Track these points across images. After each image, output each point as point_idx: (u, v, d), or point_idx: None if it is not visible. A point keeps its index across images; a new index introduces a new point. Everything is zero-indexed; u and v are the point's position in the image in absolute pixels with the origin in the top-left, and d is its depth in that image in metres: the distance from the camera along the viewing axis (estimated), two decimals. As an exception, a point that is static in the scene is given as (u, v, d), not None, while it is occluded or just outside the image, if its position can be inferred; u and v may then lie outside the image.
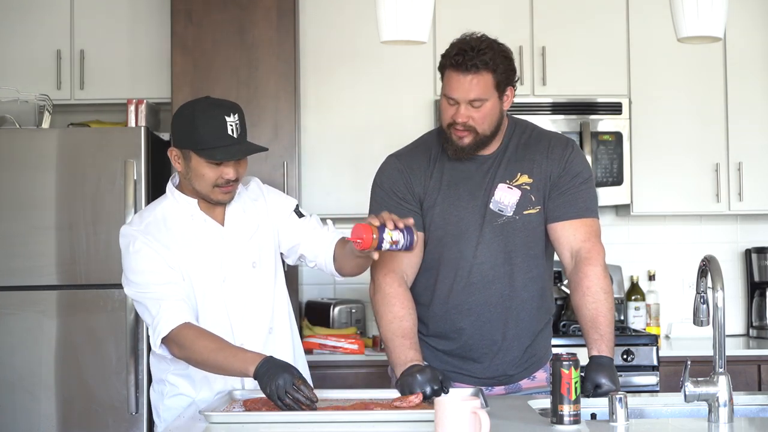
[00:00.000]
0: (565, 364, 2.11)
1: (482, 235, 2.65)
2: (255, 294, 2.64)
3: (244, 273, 2.62)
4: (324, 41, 4.34)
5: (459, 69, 2.56)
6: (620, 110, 4.32)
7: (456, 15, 4.34)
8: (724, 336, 2.13)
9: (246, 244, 2.63)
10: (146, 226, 2.58)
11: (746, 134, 4.39)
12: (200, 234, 2.59)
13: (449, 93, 2.59)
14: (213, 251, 2.59)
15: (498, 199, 2.64)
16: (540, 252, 2.70)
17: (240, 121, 2.52)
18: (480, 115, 2.59)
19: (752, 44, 4.41)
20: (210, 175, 2.52)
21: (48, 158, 3.94)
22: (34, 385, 3.89)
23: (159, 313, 2.48)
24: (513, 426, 2.17)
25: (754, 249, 4.58)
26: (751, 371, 4.03)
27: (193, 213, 2.60)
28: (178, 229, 2.58)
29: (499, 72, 2.58)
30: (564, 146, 2.71)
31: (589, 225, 2.66)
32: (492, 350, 2.68)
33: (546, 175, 2.67)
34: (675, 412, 2.40)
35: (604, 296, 2.58)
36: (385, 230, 2.36)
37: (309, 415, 2.21)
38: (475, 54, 2.55)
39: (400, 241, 2.37)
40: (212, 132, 2.48)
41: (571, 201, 2.65)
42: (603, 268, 2.62)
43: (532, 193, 2.65)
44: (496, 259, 2.65)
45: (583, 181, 2.68)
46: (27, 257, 3.92)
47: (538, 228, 2.67)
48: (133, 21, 4.37)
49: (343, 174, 4.32)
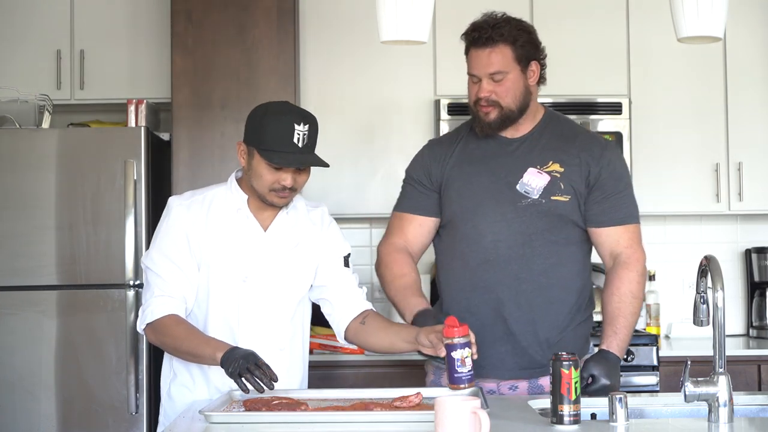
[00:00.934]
0: (565, 364, 2.12)
1: (502, 214, 2.66)
2: (272, 306, 2.62)
3: (267, 282, 2.61)
4: (324, 41, 4.34)
5: (477, 44, 2.66)
6: (620, 110, 4.32)
7: (456, 15, 4.33)
8: (724, 336, 2.13)
9: (279, 256, 2.62)
10: (191, 202, 2.63)
11: (746, 134, 4.39)
12: (238, 229, 2.60)
13: (470, 70, 2.69)
14: (243, 249, 2.59)
15: (526, 182, 2.66)
16: (564, 241, 2.68)
17: (309, 132, 2.51)
18: (502, 88, 2.64)
19: (752, 44, 4.41)
20: (268, 177, 2.53)
21: (48, 158, 3.94)
22: (34, 385, 3.88)
23: (152, 300, 2.55)
24: (513, 426, 2.17)
25: (754, 249, 4.58)
26: (751, 371, 4.02)
27: (240, 207, 2.62)
28: (219, 215, 2.61)
29: (519, 45, 2.64)
30: (603, 146, 2.73)
31: (632, 231, 2.70)
32: (506, 333, 2.66)
33: (580, 170, 2.66)
34: (675, 412, 2.40)
35: (630, 299, 2.64)
36: (466, 349, 2.34)
37: (309, 415, 2.22)
38: (491, 28, 2.63)
39: (466, 364, 2.34)
40: (278, 135, 2.49)
41: (615, 206, 2.68)
42: (639, 274, 2.67)
43: (561, 181, 2.65)
44: (514, 240, 2.65)
45: (626, 185, 2.72)
46: (27, 257, 3.92)
47: (565, 217, 2.66)
48: (133, 21, 4.36)
49: (343, 174, 4.32)
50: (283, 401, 2.31)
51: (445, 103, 4.28)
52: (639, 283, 2.67)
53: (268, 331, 2.61)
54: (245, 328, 2.59)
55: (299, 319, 2.70)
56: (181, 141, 4.08)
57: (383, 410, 2.24)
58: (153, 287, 2.57)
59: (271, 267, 2.61)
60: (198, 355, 2.47)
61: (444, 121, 4.27)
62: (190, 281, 2.58)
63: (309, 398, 2.40)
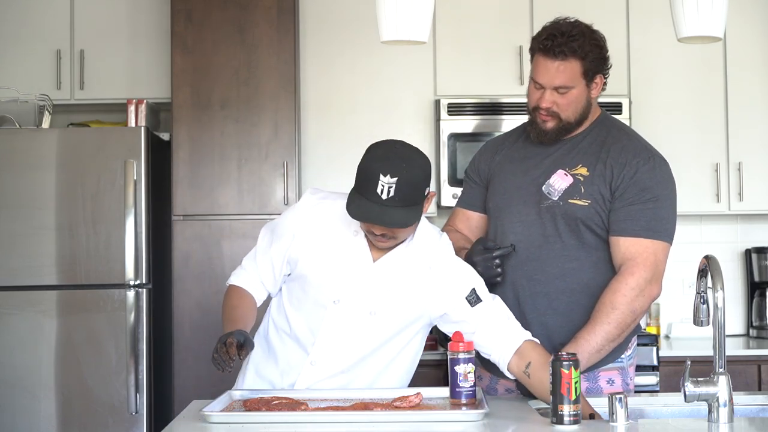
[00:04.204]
0: (565, 364, 2.12)
1: (526, 214, 2.64)
2: (357, 337, 2.50)
3: (358, 314, 2.49)
4: (324, 41, 4.34)
5: (547, 54, 2.57)
6: (620, 110, 4.32)
7: (456, 15, 4.34)
8: (724, 336, 2.13)
9: (381, 290, 2.49)
10: (321, 205, 2.55)
11: (746, 134, 4.39)
12: (348, 251, 2.50)
13: (536, 77, 2.60)
14: (346, 273, 2.49)
15: (551, 183, 2.62)
16: (588, 247, 2.60)
17: (398, 186, 2.31)
18: (565, 101, 2.59)
19: (752, 44, 4.41)
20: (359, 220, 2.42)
21: (48, 158, 3.94)
22: (34, 385, 3.89)
23: (237, 269, 2.64)
24: (513, 426, 2.17)
25: (754, 249, 4.58)
26: (751, 371, 4.02)
27: (358, 231, 2.50)
28: (337, 230, 2.51)
29: (589, 60, 2.58)
30: (637, 155, 2.59)
31: (642, 246, 2.55)
32: None
33: (604, 175, 2.58)
34: (675, 412, 2.40)
35: (609, 309, 2.50)
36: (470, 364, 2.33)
37: (309, 415, 2.22)
38: (564, 40, 2.55)
39: (469, 379, 2.32)
40: (364, 182, 2.36)
41: (632, 217, 2.56)
42: (630, 287, 2.51)
43: (583, 185, 2.59)
44: (533, 241, 2.63)
45: (652, 198, 2.56)
46: (27, 257, 3.92)
47: (583, 221, 2.59)
48: (133, 21, 4.36)
49: (343, 174, 4.29)
50: (283, 401, 2.31)
51: (445, 103, 4.28)
52: (624, 295, 2.50)
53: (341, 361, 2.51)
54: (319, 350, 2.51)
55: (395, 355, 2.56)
56: (181, 141, 4.08)
57: (383, 410, 2.24)
58: (248, 258, 2.63)
59: (366, 299, 2.49)
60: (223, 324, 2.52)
61: (444, 121, 4.27)
62: (275, 273, 2.57)
63: (309, 398, 2.40)
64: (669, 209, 2.62)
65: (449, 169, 4.26)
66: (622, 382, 2.65)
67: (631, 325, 2.55)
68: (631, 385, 2.69)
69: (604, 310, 2.51)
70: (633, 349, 2.71)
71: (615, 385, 2.64)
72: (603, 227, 2.60)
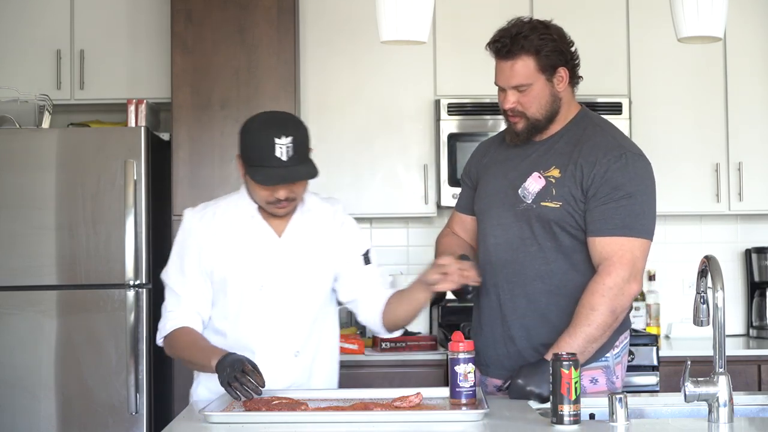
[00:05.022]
0: (565, 364, 2.12)
1: (502, 217, 2.67)
2: (291, 312, 2.61)
3: (284, 287, 2.60)
4: (324, 41, 4.34)
5: (499, 56, 2.63)
6: (620, 110, 4.32)
7: (456, 15, 4.34)
8: (724, 336, 2.13)
9: (295, 261, 2.61)
10: (203, 214, 2.63)
11: (746, 134, 4.39)
12: (252, 237, 2.60)
13: (496, 80, 2.67)
14: (258, 256, 2.59)
15: (526, 185, 2.63)
16: (566, 249, 2.61)
17: (294, 144, 2.45)
18: (527, 99, 2.61)
19: (752, 44, 4.41)
20: (261, 192, 2.52)
21: (48, 158, 3.94)
22: (34, 385, 3.88)
23: (166, 314, 2.60)
24: (513, 426, 2.17)
25: (754, 249, 4.58)
26: (751, 371, 4.02)
27: (254, 215, 2.61)
28: (232, 225, 2.61)
29: (543, 54, 2.58)
30: (608, 152, 2.57)
31: (618, 244, 2.53)
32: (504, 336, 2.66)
33: (576, 175, 2.57)
34: (675, 412, 2.40)
35: (587, 311, 2.50)
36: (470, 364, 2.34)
37: (309, 415, 2.22)
38: (511, 39, 2.58)
39: (469, 379, 2.33)
40: (259, 151, 2.46)
41: (605, 216, 2.54)
42: (607, 287, 2.50)
43: (555, 187, 2.59)
44: (510, 244, 2.65)
45: (625, 196, 2.53)
46: (27, 257, 3.91)
47: (557, 223, 2.59)
48: (133, 21, 4.36)
49: (343, 174, 4.32)
50: (283, 401, 2.32)
51: (445, 103, 4.28)
52: (602, 295, 2.49)
53: (285, 337, 2.60)
54: (263, 336, 2.59)
55: (322, 322, 2.68)
56: (181, 141, 4.08)
57: (383, 410, 2.24)
58: (168, 302, 2.63)
59: (288, 272, 2.60)
60: (197, 363, 2.52)
61: (444, 121, 4.27)
62: (203, 294, 2.59)
63: (309, 398, 2.40)
64: (645, 205, 2.57)
65: (449, 169, 4.26)
66: (607, 381, 2.66)
67: (612, 324, 2.54)
68: (618, 383, 2.70)
69: (584, 312, 2.52)
70: (622, 348, 2.71)
71: (599, 384, 2.64)
72: (578, 228, 2.60)
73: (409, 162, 4.30)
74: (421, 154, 4.33)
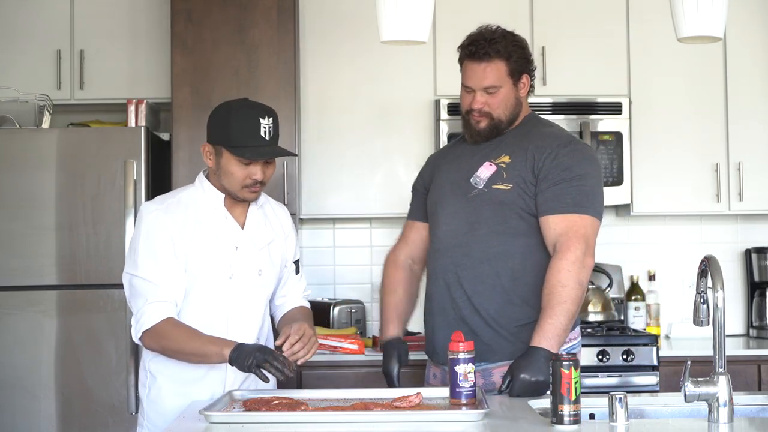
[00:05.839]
0: (565, 364, 2.12)
1: (454, 205, 2.78)
2: (254, 301, 2.71)
3: (250, 278, 2.68)
4: (324, 41, 4.34)
5: (473, 58, 2.77)
6: (620, 110, 4.32)
7: (456, 15, 4.34)
8: (724, 336, 2.13)
9: (258, 252, 2.70)
10: (167, 205, 2.64)
11: (746, 134, 4.39)
12: (218, 228, 2.65)
13: (466, 82, 2.81)
14: (226, 247, 2.64)
15: (478, 173, 2.76)
16: (513, 232, 2.71)
17: (273, 126, 2.59)
18: (495, 101, 2.76)
19: (752, 44, 4.41)
20: (239, 174, 2.58)
21: (48, 158, 3.94)
22: (34, 385, 3.89)
23: (143, 308, 2.56)
24: (513, 426, 2.17)
25: (754, 249, 4.58)
26: (751, 371, 4.02)
27: (218, 206, 2.65)
28: (197, 216, 2.64)
29: (513, 60, 2.76)
30: (556, 139, 2.76)
31: (572, 221, 2.65)
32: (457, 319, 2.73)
33: (525, 160, 2.71)
34: (675, 412, 2.40)
35: (559, 289, 2.58)
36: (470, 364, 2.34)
37: (309, 415, 2.22)
38: (487, 43, 2.74)
39: (469, 379, 2.34)
40: (245, 131, 2.55)
41: (557, 196, 2.67)
42: (570, 262, 2.59)
43: (505, 171, 2.73)
44: (460, 229, 2.76)
45: (575, 177, 2.67)
46: (27, 257, 3.92)
47: (508, 206, 2.71)
48: (133, 21, 4.36)
49: (343, 174, 4.32)
50: (283, 401, 2.32)
51: (445, 103, 4.28)
52: (569, 271, 2.59)
53: (249, 326, 2.68)
54: (233, 325, 2.64)
55: (267, 312, 2.80)
56: (181, 141, 4.08)
57: (383, 410, 2.24)
58: (145, 294, 2.56)
59: (252, 263, 2.68)
60: (204, 354, 2.51)
61: (444, 121, 4.27)
62: (179, 284, 2.59)
63: (309, 398, 2.41)
64: (594, 186, 2.72)
65: (449, 169, 4.26)
66: None
67: (581, 297, 2.62)
68: None
69: (555, 291, 2.59)
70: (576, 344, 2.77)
71: None
72: (527, 211, 2.71)
73: (409, 162, 4.29)
74: (421, 154, 4.32)
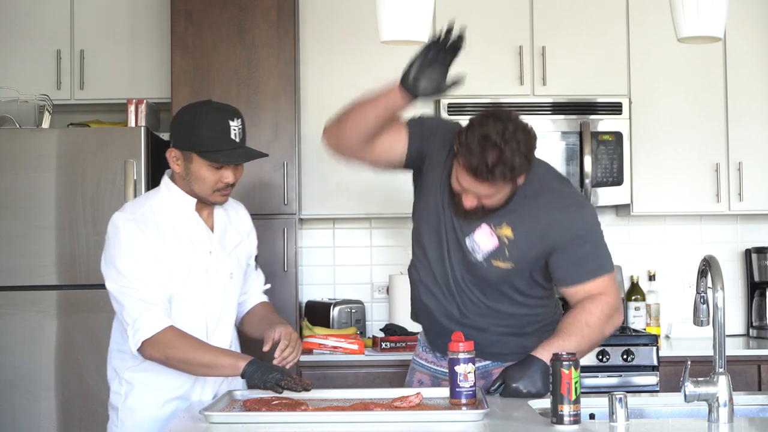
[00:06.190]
0: (565, 364, 2.12)
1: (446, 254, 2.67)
2: (229, 304, 2.69)
3: (224, 282, 2.66)
4: (324, 41, 4.34)
5: (475, 176, 2.47)
6: (620, 110, 4.32)
7: (456, 15, 4.33)
8: (724, 336, 2.13)
9: (228, 255, 2.67)
10: (141, 214, 2.57)
11: (746, 134, 4.39)
12: (191, 233, 2.60)
13: (460, 182, 2.52)
14: (202, 254, 2.60)
15: (476, 239, 2.62)
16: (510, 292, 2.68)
17: (242, 127, 2.56)
18: (492, 201, 2.55)
19: (752, 44, 4.41)
20: (210, 178, 2.55)
21: (48, 158, 3.94)
22: (34, 385, 3.88)
23: (142, 315, 2.47)
24: (513, 426, 2.17)
25: (754, 249, 4.58)
26: (751, 371, 4.02)
27: (189, 212, 2.61)
28: (169, 224, 2.58)
29: (516, 175, 2.49)
30: (561, 209, 2.60)
31: (604, 282, 2.62)
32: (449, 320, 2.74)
33: (533, 237, 2.59)
34: (675, 412, 2.40)
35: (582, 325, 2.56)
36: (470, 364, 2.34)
37: (309, 415, 2.22)
38: (488, 170, 2.44)
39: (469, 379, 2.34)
40: (216, 135, 2.50)
41: (581, 263, 2.61)
42: (601, 310, 2.58)
43: (508, 247, 2.60)
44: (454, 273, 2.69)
45: (588, 241, 2.61)
46: (27, 257, 3.92)
47: (507, 279, 2.64)
48: (133, 21, 4.36)
49: (343, 174, 4.32)
50: (283, 401, 2.32)
51: (445, 103, 4.28)
52: (599, 317, 2.57)
53: (223, 330, 2.66)
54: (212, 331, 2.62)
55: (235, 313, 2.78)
56: (181, 141, 4.07)
57: (383, 410, 2.24)
58: (140, 302, 2.48)
59: (224, 267, 2.65)
60: (217, 365, 2.46)
61: (444, 121, 4.27)
62: (167, 290, 2.54)
63: (309, 398, 2.41)
64: (603, 242, 2.67)
65: (449, 169, 4.25)
66: None
67: (594, 346, 2.62)
68: None
69: (578, 325, 2.57)
70: None
71: None
72: (527, 280, 2.67)
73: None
74: (421, 154, 4.32)
